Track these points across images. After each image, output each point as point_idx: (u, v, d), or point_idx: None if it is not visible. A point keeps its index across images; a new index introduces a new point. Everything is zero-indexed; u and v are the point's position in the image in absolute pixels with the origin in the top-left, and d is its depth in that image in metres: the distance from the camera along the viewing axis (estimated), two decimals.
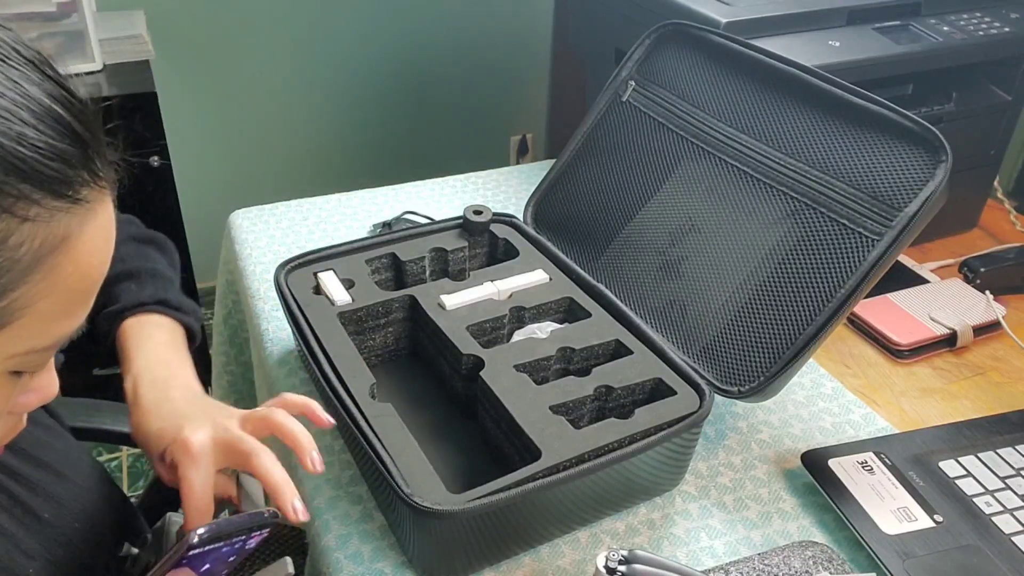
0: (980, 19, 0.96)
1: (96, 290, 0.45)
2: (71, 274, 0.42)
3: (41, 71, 0.40)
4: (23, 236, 0.38)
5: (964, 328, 0.89)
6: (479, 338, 0.75)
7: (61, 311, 0.43)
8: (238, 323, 1.07)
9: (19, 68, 0.39)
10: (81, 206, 0.41)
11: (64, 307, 0.43)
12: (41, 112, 0.39)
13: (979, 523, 0.66)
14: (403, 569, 0.63)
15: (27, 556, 0.55)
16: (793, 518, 0.69)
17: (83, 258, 0.42)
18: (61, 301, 0.42)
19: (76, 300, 0.44)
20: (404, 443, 0.63)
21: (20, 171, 0.37)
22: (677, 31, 0.87)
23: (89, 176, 0.41)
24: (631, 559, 0.53)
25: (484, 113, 2.33)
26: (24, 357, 0.43)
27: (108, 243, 0.45)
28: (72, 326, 0.45)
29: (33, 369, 0.46)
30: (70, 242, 0.41)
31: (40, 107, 0.39)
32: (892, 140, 0.70)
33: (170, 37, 1.87)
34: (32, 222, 0.38)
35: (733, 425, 0.78)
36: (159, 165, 1.54)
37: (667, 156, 0.83)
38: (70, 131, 0.40)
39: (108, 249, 0.45)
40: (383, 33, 2.08)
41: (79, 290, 0.43)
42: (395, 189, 1.15)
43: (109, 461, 1.76)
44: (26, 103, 0.38)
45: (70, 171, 0.40)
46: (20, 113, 0.38)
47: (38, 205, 0.38)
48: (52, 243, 0.40)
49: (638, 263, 0.82)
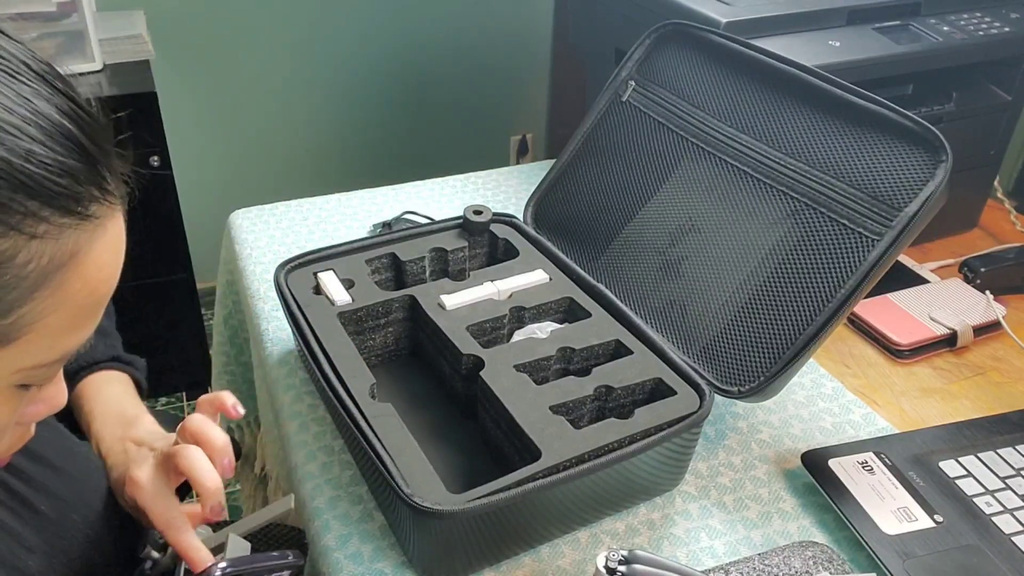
0: (980, 19, 0.96)
1: (103, 306, 0.45)
2: (79, 290, 0.41)
3: (52, 85, 0.40)
4: (31, 253, 0.38)
5: (964, 328, 0.88)
6: (479, 338, 0.75)
7: (68, 326, 0.43)
8: (238, 323, 1.07)
9: (30, 84, 0.39)
10: (90, 222, 0.41)
11: (71, 322, 0.43)
12: (50, 128, 0.39)
13: (979, 523, 0.66)
14: (403, 569, 0.63)
15: (27, 550, 0.55)
16: (793, 518, 0.69)
17: (92, 273, 0.42)
18: (69, 316, 0.42)
19: (84, 315, 0.43)
20: (404, 443, 0.63)
21: (28, 188, 0.37)
22: (677, 31, 0.87)
23: (98, 192, 0.41)
24: (631, 559, 0.53)
25: (484, 113, 2.33)
26: (31, 371, 0.43)
27: (118, 256, 0.44)
28: (80, 339, 0.44)
29: (40, 382, 0.46)
30: (79, 258, 0.41)
31: (50, 123, 0.39)
32: (892, 140, 0.70)
33: (170, 37, 1.87)
34: (40, 239, 0.38)
35: (733, 425, 0.78)
36: (159, 165, 1.54)
37: (667, 156, 0.83)
38: (79, 147, 0.40)
39: (118, 263, 0.45)
40: (383, 33, 2.08)
41: (87, 305, 0.43)
42: (395, 189, 1.15)
43: None
44: (35, 119, 0.38)
45: (79, 187, 0.40)
46: (29, 130, 0.38)
47: (46, 222, 0.38)
48: (60, 260, 0.40)
49: (638, 263, 0.82)
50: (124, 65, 1.60)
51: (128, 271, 0.46)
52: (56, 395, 0.49)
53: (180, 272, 1.73)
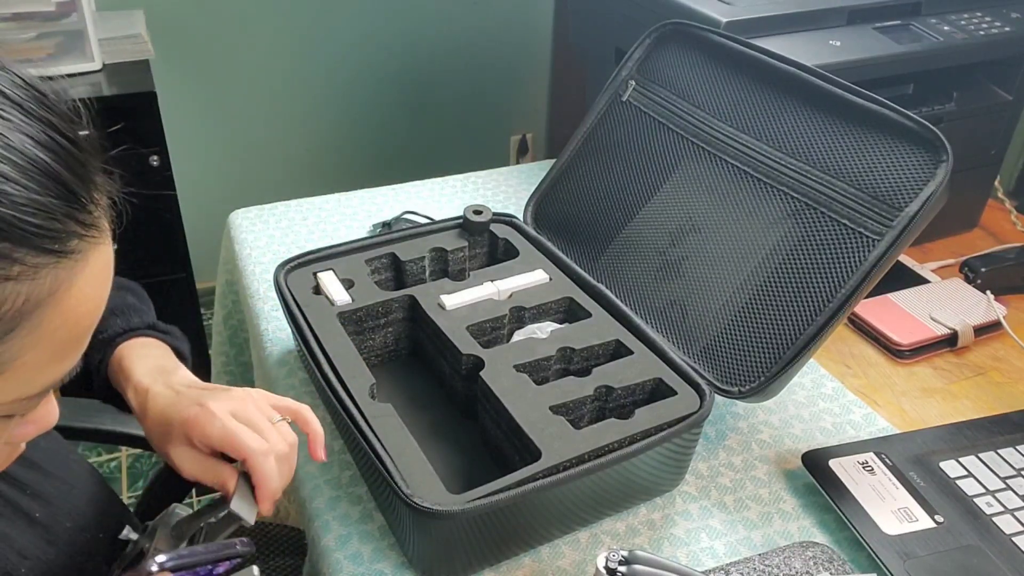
0: (981, 19, 0.96)
1: (87, 336, 0.44)
2: (59, 326, 0.40)
3: (29, 113, 0.38)
4: (4, 294, 0.37)
5: (965, 328, 0.88)
6: (479, 338, 0.75)
7: (49, 359, 0.41)
8: (238, 323, 1.07)
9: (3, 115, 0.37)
10: (70, 258, 0.39)
11: (53, 356, 0.41)
12: (25, 164, 0.37)
13: (980, 523, 0.66)
14: (403, 569, 0.63)
15: (20, 555, 0.55)
16: (794, 518, 0.69)
17: (73, 308, 0.40)
18: (49, 351, 0.41)
19: (66, 348, 0.42)
20: (404, 443, 0.63)
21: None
22: (677, 31, 0.87)
23: (78, 226, 0.39)
24: (631, 559, 0.53)
25: (484, 113, 2.33)
26: (12, 405, 0.42)
27: (102, 288, 0.43)
28: (62, 371, 0.43)
29: (25, 412, 0.44)
30: (58, 295, 0.39)
31: (24, 158, 0.37)
32: (893, 140, 0.70)
33: (170, 37, 1.86)
34: (15, 280, 0.37)
35: (733, 425, 0.78)
36: (158, 165, 1.54)
37: (667, 156, 0.83)
38: (57, 182, 0.38)
39: (102, 295, 0.43)
40: (383, 33, 2.08)
41: (69, 338, 0.42)
42: (395, 189, 1.15)
43: (109, 461, 1.76)
44: (8, 155, 0.36)
45: (57, 224, 0.38)
46: (1, 168, 0.36)
47: (20, 263, 0.37)
48: (38, 298, 0.38)
49: (638, 263, 0.82)
50: (123, 65, 1.59)
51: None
52: (46, 415, 0.48)
53: (179, 272, 1.72)
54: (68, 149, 0.39)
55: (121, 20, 1.67)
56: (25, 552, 0.55)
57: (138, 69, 1.59)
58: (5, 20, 1.47)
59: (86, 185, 0.40)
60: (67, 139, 0.39)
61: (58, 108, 0.40)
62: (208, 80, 1.97)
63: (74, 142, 0.40)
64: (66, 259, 0.39)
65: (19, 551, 0.55)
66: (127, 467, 1.75)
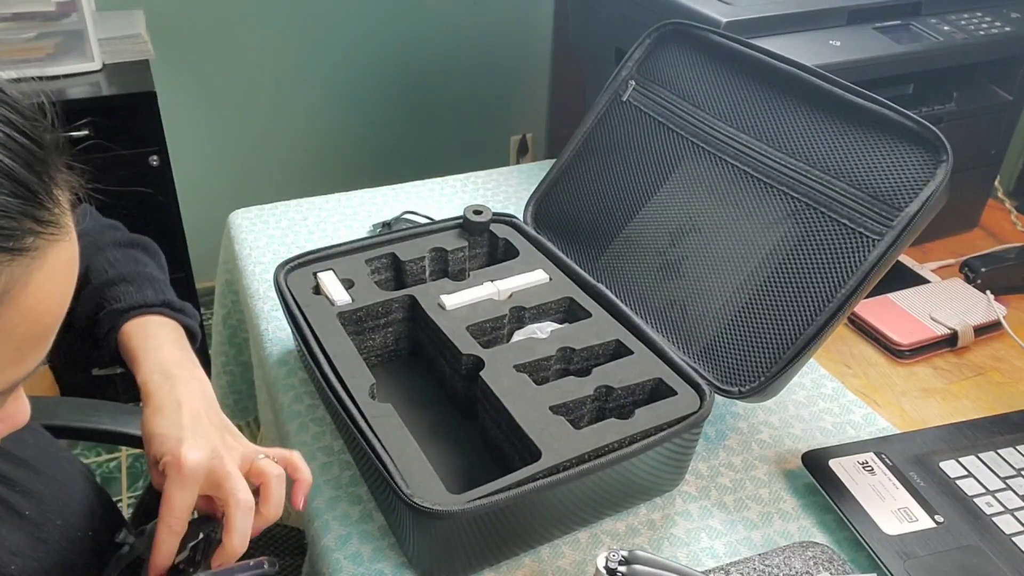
0: (980, 19, 0.96)
1: (50, 335, 0.43)
2: (17, 324, 0.39)
3: None
4: None
5: (965, 328, 0.88)
6: (479, 338, 0.75)
7: (9, 359, 0.41)
8: (237, 323, 1.07)
9: None
10: (26, 255, 0.38)
11: (12, 355, 0.41)
12: None
13: (980, 523, 0.66)
14: (403, 570, 0.63)
15: (10, 553, 0.55)
16: (794, 518, 0.69)
17: (31, 306, 0.40)
18: (8, 350, 0.40)
19: (27, 347, 0.41)
20: (404, 443, 0.63)
21: None
22: (677, 31, 0.87)
23: (35, 224, 0.39)
24: (631, 559, 0.53)
25: (484, 113, 2.33)
26: None
27: (64, 285, 0.42)
28: (26, 370, 0.42)
29: None
30: (14, 293, 0.38)
31: None
32: (893, 140, 0.70)
33: (170, 37, 1.87)
34: None
35: (733, 425, 0.78)
36: (158, 165, 1.54)
37: (667, 156, 0.83)
38: (11, 179, 0.37)
39: (64, 292, 0.43)
40: (383, 33, 2.08)
41: (28, 337, 0.41)
42: (395, 189, 1.15)
43: (108, 461, 1.76)
44: None
45: (12, 222, 0.37)
46: None
47: None
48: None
49: (638, 263, 0.82)
50: (123, 65, 1.59)
51: None
52: (16, 414, 0.47)
53: (179, 271, 1.72)
54: (27, 147, 0.39)
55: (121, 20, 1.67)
56: (15, 549, 0.55)
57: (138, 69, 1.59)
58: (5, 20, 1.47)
59: (45, 183, 0.39)
60: (27, 137, 0.39)
61: (19, 106, 0.40)
62: (208, 80, 1.97)
63: (34, 140, 0.39)
64: (22, 256, 0.38)
65: (9, 548, 0.55)
66: (127, 467, 1.75)
